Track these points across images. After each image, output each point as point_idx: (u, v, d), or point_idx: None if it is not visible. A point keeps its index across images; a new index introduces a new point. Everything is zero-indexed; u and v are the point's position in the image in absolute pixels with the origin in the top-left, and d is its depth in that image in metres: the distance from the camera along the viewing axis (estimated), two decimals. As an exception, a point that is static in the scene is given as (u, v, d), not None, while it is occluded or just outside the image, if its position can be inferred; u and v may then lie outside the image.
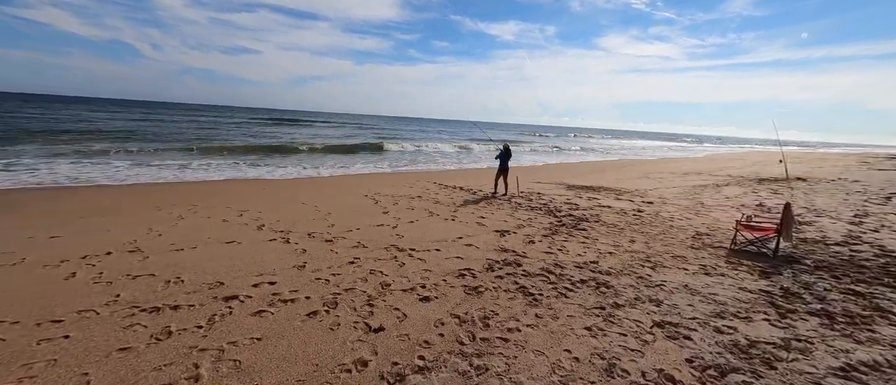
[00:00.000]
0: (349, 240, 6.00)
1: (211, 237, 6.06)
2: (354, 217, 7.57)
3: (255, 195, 9.71)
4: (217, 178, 12.55)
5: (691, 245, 5.80)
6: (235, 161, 16.81)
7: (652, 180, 15.53)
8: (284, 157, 18.75)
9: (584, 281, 4.30)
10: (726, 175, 18.50)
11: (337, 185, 12.00)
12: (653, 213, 8.26)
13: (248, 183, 12.00)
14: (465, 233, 6.43)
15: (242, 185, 11.42)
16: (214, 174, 13.27)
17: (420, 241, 5.96)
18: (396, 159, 21.26)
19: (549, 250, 5.47)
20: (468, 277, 4.39)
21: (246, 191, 10.39)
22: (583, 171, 19.25)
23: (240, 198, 9.30)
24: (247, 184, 11.80)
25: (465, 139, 42.77)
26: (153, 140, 23.76)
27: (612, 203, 9.45)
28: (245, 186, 11.22)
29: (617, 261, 5.04)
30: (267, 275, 4.49)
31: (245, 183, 12.01)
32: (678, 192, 12.11)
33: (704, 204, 9.70)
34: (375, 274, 4.52)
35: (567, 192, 11.44)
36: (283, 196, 9.67)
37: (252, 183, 12.03)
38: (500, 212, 8.22)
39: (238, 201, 8.89)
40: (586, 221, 7.25)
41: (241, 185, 11.59)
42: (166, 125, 35.41)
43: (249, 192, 10.24)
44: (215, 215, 7.58)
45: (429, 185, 12.46)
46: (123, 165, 13.85)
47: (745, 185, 14.17)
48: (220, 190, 10.47)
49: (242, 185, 11.59)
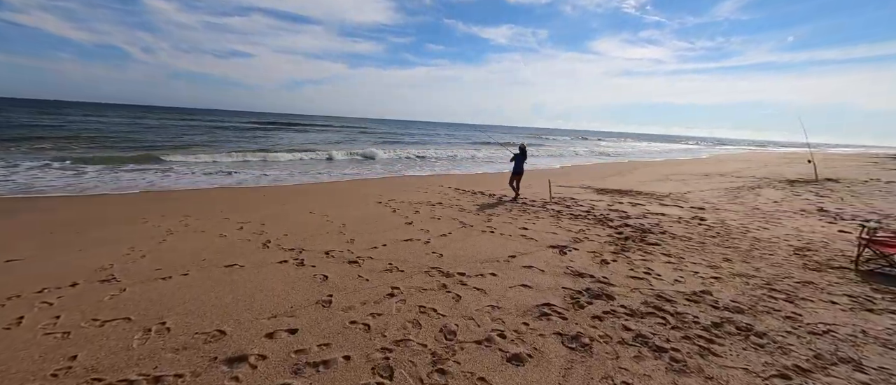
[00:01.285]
0: (377, 260, 4.89)
1: (206, 259, 4.91)
2: (375, 230, 6.45)
3: (255, 204, 8.55)
4: (211, 186, 11.34)
5: (804, 265, 4.75)
6: (231, 166, 15.58)
7: (676, 182, 14.59)
8: (282, 162, 17.55)
9: (716, 324, 3.20)
10: (750, 176, 17.64)
11: (345, 191, 10.86)
12: (717, 221, 7.22)
13: (246, 191, 10.81)
14: (516, 249, 5.35)
15: (240, 194, 10.24)
16: (208, 180, 12.04)
17: (465, 261, 4.86)
18: (401, 163, 20.14)
19: (633, 273, 4.39)
20: (555, 318, 3.29)
21: (244, 199, 9.21)
22: (600, 173, 18.28)
23: (238, 207, 8.14)
24: (245, 192, 10.61)
25: (465, 141, 41.78)
26: (139, 144, 22.41)
27: (663, 209, 8.42)
28: (243, 195, 10.04)
29: (733, 289, 3.96)
30: (282, 316, 3.36)
31: (243, 191, 10.82)
32: (716, 195, 11.15)
33: (760, 209, 8.72)
34: (428, 314, 3.41)
35: (600, 196, 10.41)
36: (287, 205, 8.51)
37: (251, 191, 10.85)
38: (541, 221, 7.15)
39: (236, 211, 7.73)
40: (651, 233, 6.20)
41: (238, 193, 10.40)
42: (154, 130, 33.96)
43: (249, 200, 9.07)
44: (211, 229, 6.42)
45: (445, 189, 11.38)
46: (104, 171, 12.56)
47: (778, 187, 13.27)
48: (216, 198, 9.28)
49: (240, 193, 10.40)
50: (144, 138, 25.37)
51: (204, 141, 26.42)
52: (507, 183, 9.67)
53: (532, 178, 15.16)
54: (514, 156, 9.46)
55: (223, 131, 35.58)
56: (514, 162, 9.42)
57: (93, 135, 25.16)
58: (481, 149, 31.17)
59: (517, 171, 9.35)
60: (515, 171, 9.38)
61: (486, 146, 35.64)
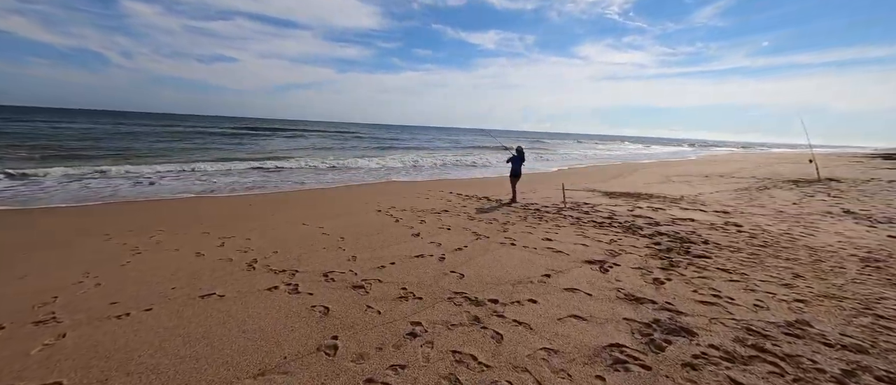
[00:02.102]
0: (388, 284, 4.07)
1: (177, 287, 4.01)
2: (379, 243, 5.63)
3: (239, 215, 7.62)
4: (189, 195, 10.31)
5: (888, 280, 4.11)
6: (214, 173, 14.49)
7: (680, 184, 14.14)
8: (270, 168, 16.52)
9: (847, 372, 2.47)
10: (750, 177, 17.38)
11: (339, 199, 9.98)
12: (754, 227, 6.58)
13: (230, 200, 9.83)
14: (548, 266, 4.60)
15: (222, 204, 9.26)
16: (187, 188, 10.98)
17: (493, 283, 4.08)
18: (395, 167, 19.29)
19: (699, 296, 3.64)
20: (636, 369, 2.48)
21: (228, 210, 8.26)
22: (600, 175, 17.78)
23: (220, 219, 7.20)
24: (228, 202, 9.64)
25: (457, 145, 41.15)
26: (110, 150, 21.02)
27: (689, 214, 7.79)
28: (226, 205, 9.07)
29: (831, 318, 3.15)
30: (274, 373, 2.53)
31: (226, 201, 9.85)
32: (729, 196, 10.66)
33: (785, 211, 8.19)
34: (466, 363, 2.61)
35: (613, 200, 9.78)
36: (276, 216, 7.61)
37: (235, 200, 9.87)
38: (563, 230, 6.43)
39: (217, 224, 6.80)
40: (692, 243, 5.51)
41: (221, 203, 9.42)
42: (131, 135, 32.33)
43: (232, 211, 8.12)
44: (186, 246, 5.50)
45: (446, 195, 10.62)
46: (66, 180, 11.37)
47: (785, 187, 12.91)
48: (195, 209, 8.31)
49: (223, 203, 9.43)
50: (117, 145, 23.90)
51: (185, 146, 25.08)
52: (512, 187, 9.30)
53: (536, 181, 14.53)
54: (511, 158, 9.17)
55: (207, 137, 34.11)
56: (512, 164, 9.13)
57: (59, 141, 23.57)
58: (473, 152, 30.56)
59: (514, 173, 9.06)
60: (512, 174, 9.09)
61: (479, 150, 35.10)
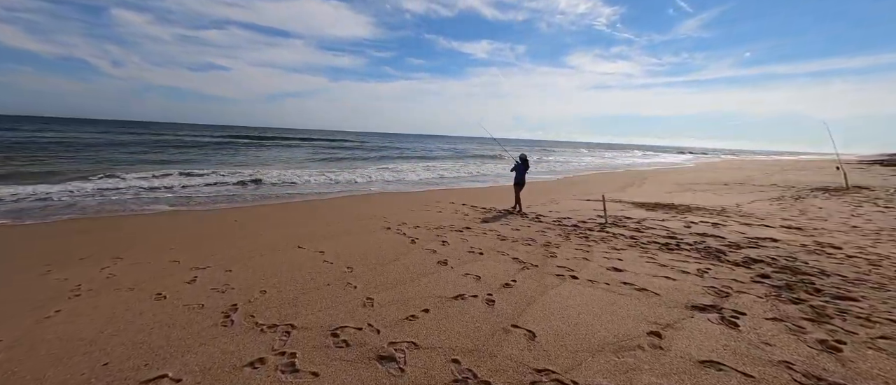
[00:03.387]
0: (427, 350, 2.78)
1: (112, 363, 2.67)
2: (399, 275, 4.34)
3: (220, 235, 6.25)
4: (164, 208, 8.88)
5: None
6: (195, 185, 13.03)
7: (704, 193, 13.14)
8: (259, 179, 15.11)
9: None
10: (770, 185, 16.49)
11: (339, 213, 8.65)
12: (859, 250, 5.33)
13: (209, 216, 8.43)
14: (643, 314, 3.34)
15: (201, 220, 7.87)
16: (159, 200, 9.52)
17: (582, 348, 2.82)
18: (393, 176, 18.00)
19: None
20: None
21: (206, 228, 6.88)
22: (611, 184, 16.73)
23: (196, 241, 5.83)
24: (207, 218, 8.24)
25: (452, 153, 40.06)
26: (86, 159, 19.42)
27: (758, 231, 6.62)
28: (205, 221, 7.68)
29: None
30: None
31: (205, 217, 8.45)
32: (776, 208, 9.59)
33: (865, 229, 7.07)
34: None
35: (652, 212, 8.62)
36: (265, 235, 6.26)
37: (215, 216, 8.48)
38: (624, 253, 5.21)
39: (192, 247, 5.45)
40: (809, 275, 4.28)
41: (198, 219, 8.02)
42: (115, 145, 30.57)
43: (212, 229, 6.75)
44: (147, 281, 4.16)
45: (457, 206, 9.46)
46: (23, 195, 9.81)
47: (821, 196, 11.91)
48: (166, 228, 6.91)
49: (201, 219, 8.03)
50: (95, 154, 22.20)
51: (170, 156, 23.47)
52: (516, 196, 8.71)
53: (548, 191, 13.38)
54: (516, 166, 8.81)
55: (196, 146, 32.39)
56: (516, 172, 8.75)
57: (31, 152, 21.80)
58: (470, 161, 29.48)
59: (519, 181, 8.67)
60: (517, 182, 8.68)
61: (477, 158, 34.10)
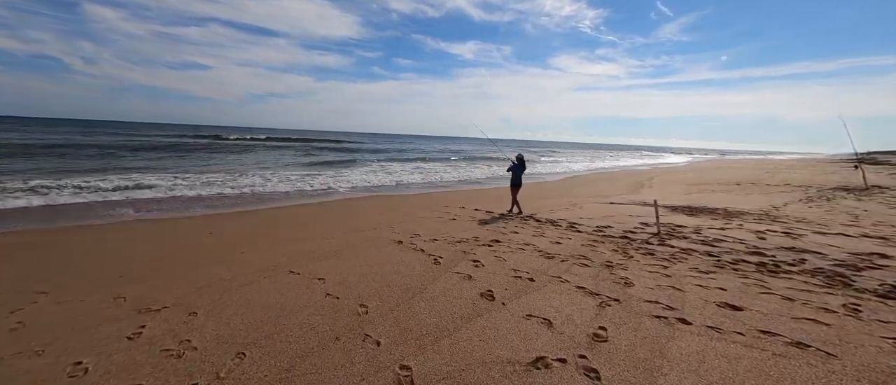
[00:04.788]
0: None
1: None
2: (437, 322, 3.16)
3: (186, 255, 4.93)
4: (124, 216, 7.44)
5: None
6: (170, 187, 11.52)
7: (722, 195, 12.36)
8: (241, 182, 13.64)
9: None
10: (784, 184, 15.89)
11: (334, 220, 7.39)
12: None
13: (177, 225, 7.05)
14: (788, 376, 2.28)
15: (165, 232, 6.49)
16: (112, 204, 8.05)
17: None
18: (387, 178, 16.75)
19: None
20: None
21: (171, 243, 5.53)
22: (617, 187, 15.87)
23: (153, 264, 4.51)
24: (174, 227, 6.87)
25: (444, 153, 38.99)
26: (37, 164, 17.56)
27: (855, 244, 5.63)
28: (170, 234, 6.30)
29: None
30: None
31: (171, 226, 7.07)
32: (821, 212, 8.75)
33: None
34: None
35: (700, 219, 7.63)
36: (244, 256, 4.97)
37: (185, 225, 7.10)
38: (720, 275, 4.14)
39: (148, 273, 4.14)
40: None
41: (163, 230, 6.63)
42: (77, 146, 28.33)
43: (177, 246, 5.40)
44: (66, 336, 2.86)
45: (469, 212, 8.58)
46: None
47: (851, 197, 11.23)
48: (123, 243, 5.53)
49: (165, 230, 6.65)
50: (48, 158, 20.23)
51: (138, 159, 21.61)
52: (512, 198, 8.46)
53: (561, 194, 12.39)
54: (512, 166, 8.58)
55: (172, 148, 30.28)
56: (512, 173, 8.54)
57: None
58: (465, 162, 28.44)
59: (516, 182, 8.48)
60: (514, 183, 8.49)
61: (472, 159, 33.11)
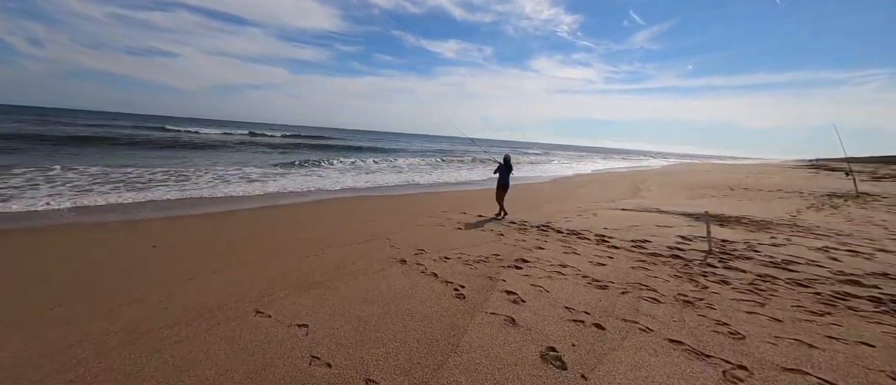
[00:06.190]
0: None
1: None
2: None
3: (119, 276, 3.70)
4: (57, 221, 6.01)
5: None
6: (120, 182, 9.94)
7: (729, 199, 11.95)
8: (206, 179, 12.15)
9: None
10: (776, 190, 15.79)
11: (317, 229, 6.23)
12: None
13: (116, 232, 5.70)
14: None
15: (103, 241, 5.15)
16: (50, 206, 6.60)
17: None
18: (368, 178, 15.56)
19: None
20: None
21: (105, 260, 4.25)
22: (618, 188, 15.32)
23: (92, 286, 3.27)
24: (114, 236, 5.53)
25: (428, 151, 38.04)
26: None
27: None
28: (108, 245, 4.98)
29: None
30: None
31: (113, 233, 5.71)
32: (840, 222, 8.32)
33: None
34: None
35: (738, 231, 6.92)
36: (199, 281, 3.79)
37: (125, 230, 5.76)
38: (836, 319, 3.33)
39: (88, 299, 2.91)
40: None
41: (101, 238, 5.28)
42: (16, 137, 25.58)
43: (119, 263, 4.14)
44: None
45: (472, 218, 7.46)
46: None
47: (850, 205, 11.02)
48: (46, 253, 4.20)
49: (104, 239, 5.30)
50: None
51: (94, 151, 19.47)
52: (495, 199, 8.31)
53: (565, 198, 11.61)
54: (498, 168, 8.41)
55: (131, 142, 27.74)
56: (499, 175, 8.34)
57: None
58: (452, 162, 27.52)
59: (502, 184, 8.26)
60: (500, 185, 8.27)
61: (457, 159, 32.25)
